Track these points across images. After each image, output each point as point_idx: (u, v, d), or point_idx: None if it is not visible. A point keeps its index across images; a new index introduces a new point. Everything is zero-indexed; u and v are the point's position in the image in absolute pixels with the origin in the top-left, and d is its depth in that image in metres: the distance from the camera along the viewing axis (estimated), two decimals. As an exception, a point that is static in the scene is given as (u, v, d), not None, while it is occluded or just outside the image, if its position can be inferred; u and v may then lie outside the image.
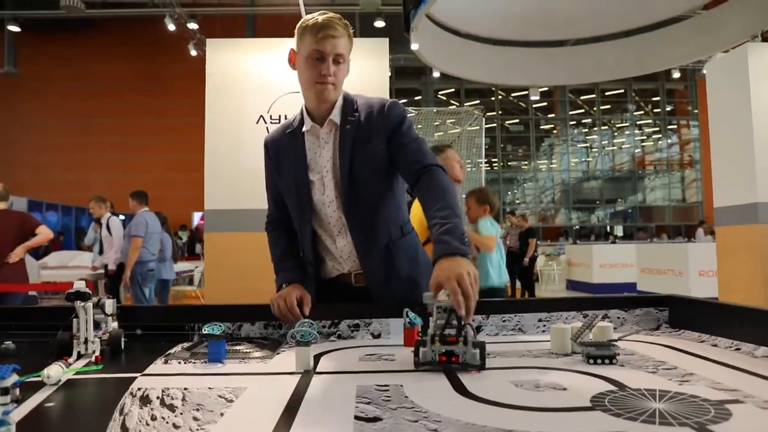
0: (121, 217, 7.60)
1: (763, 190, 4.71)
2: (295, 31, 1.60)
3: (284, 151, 1.70)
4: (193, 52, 14.69)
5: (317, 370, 1.12)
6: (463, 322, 1.12)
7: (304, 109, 1.68)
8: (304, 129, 1.65)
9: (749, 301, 4.69)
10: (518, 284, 10.54)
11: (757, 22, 7.82)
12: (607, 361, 1.13)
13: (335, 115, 1.62)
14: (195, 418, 0.82)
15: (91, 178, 19.35)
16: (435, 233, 1.37)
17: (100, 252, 6.66)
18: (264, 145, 1.78)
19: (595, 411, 0.81)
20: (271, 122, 4.11)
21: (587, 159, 24.87)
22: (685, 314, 1.48)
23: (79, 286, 1.25)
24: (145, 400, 0.91)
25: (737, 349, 1.23)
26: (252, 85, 4.14)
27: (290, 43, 1.65)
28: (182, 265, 10.26)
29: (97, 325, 1.30)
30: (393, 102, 1.65)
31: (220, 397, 0.93)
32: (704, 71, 5.67)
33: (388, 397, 0.92)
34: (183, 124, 19.00)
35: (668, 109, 24.46)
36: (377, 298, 1.63)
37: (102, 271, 6.58)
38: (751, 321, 1.25)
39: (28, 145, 19.60)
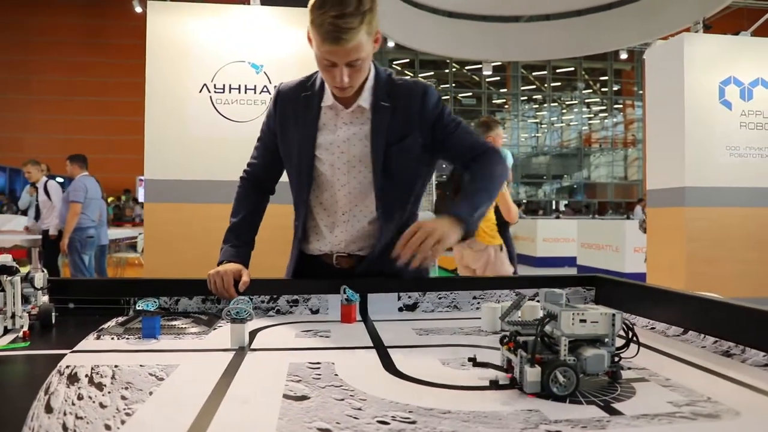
0: (59, 179, 7.30)
1: (690, 174, 4.95)
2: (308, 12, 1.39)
3: (294, 114, 1.57)
4: (138, 9, 13.99)
5: (252, 347, 1.14)
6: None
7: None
8: (323, 104, 1.53)
9: (673, 279, 4.98)
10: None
11: (699, 9, 8.07)
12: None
13: (365, 99, 1.51)
14: (123, 397, 0.82)
15: (27, 138, 18.42)
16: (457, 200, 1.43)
17: (36, 217, 6.40)
18: (276, 92, 1.63)
19: (513, 390, 0.86)
20: (215, 91, 3.99)
21: (537, 135, 25.39)
22: (610, 294, 1.57)
23: (5, 260, 1.21)
24: (72, 379, 0.91)
25: (652, 329, 1.31)
26: (196, 52, 3.99)
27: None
28: (126, 232, 9.98)
29: (25, 300, 1.27)
30: (431, 89, 1.55)
31: (150, 374, 0.93)
32: (644, 56, 5.86)
33: (319, 374, 0.94)
34: (127, 84, 18.23)
35: (615, 88, 25.15)
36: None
37: (39, 236, 6.35)
38: (665, 302, 1.33)
39: (-43, 100, 18.40)
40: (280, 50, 3.97)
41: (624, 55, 12.40)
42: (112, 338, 1.20)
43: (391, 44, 15.50)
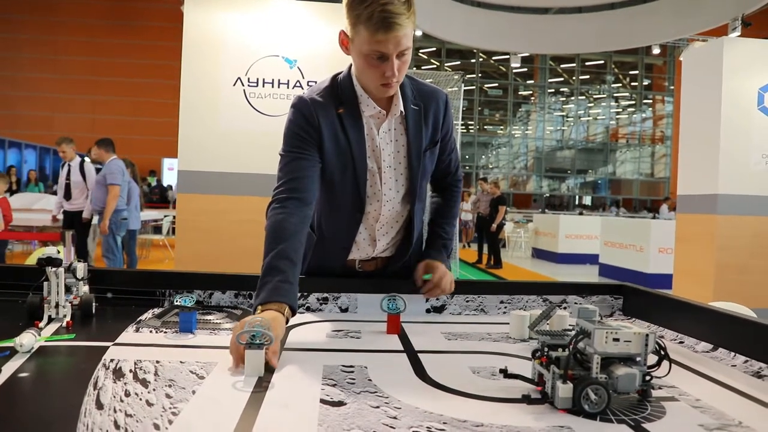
0: (87, 159, 7.34)
1: (724, 182, 4.86)
2: (344, 7, 1.32)
3: (335, 128, 1.44)
4: (169, -8, 14.11)
5: (286, 346, 1.16)
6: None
7: (361, 87, 1.44)
8: (367, 113, 1.46)
9: (700, 288, 4.91)
10: (485, 249, 10.77)
11: (739, 5, 7.88)
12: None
13: (399, 104, 1.47)
14: (168, 395, 0.85)
15: (57, 117, 18.75)
16: (437, 239, 1.65)
17: (66, 197, 6.42)
18: (302, 106, 1.44)
19: (545, 404, 0.87)
20: (249, 85, 4.04)
21: (562, 128, 25.07)
22: (638, 304, 1.57)
23: (51, 251, 1.25)
24: (118, 374, 0.94)
25: (681, 343, 1.31)
26: (231, 45, 4.04)
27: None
28: (151, 214, 10.15)
29: (68, 290, 1.31)
30: (448, 97, 1.59)
31: (191, 372, 0.97)
32: (681, 58, 5.74)
33: (353, 379, 0.97)
34: (155, 66, 18.45)
35: (645, 83, 24.69)
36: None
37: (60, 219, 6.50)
38: (695, 316, 1.32)
39: (-8, 78, 18.76)
40: (313, 46, 4.00)
41: (657, 50, 12.13)
42: (151, 331, 1.24)
43: (418, 33, 15.40)
